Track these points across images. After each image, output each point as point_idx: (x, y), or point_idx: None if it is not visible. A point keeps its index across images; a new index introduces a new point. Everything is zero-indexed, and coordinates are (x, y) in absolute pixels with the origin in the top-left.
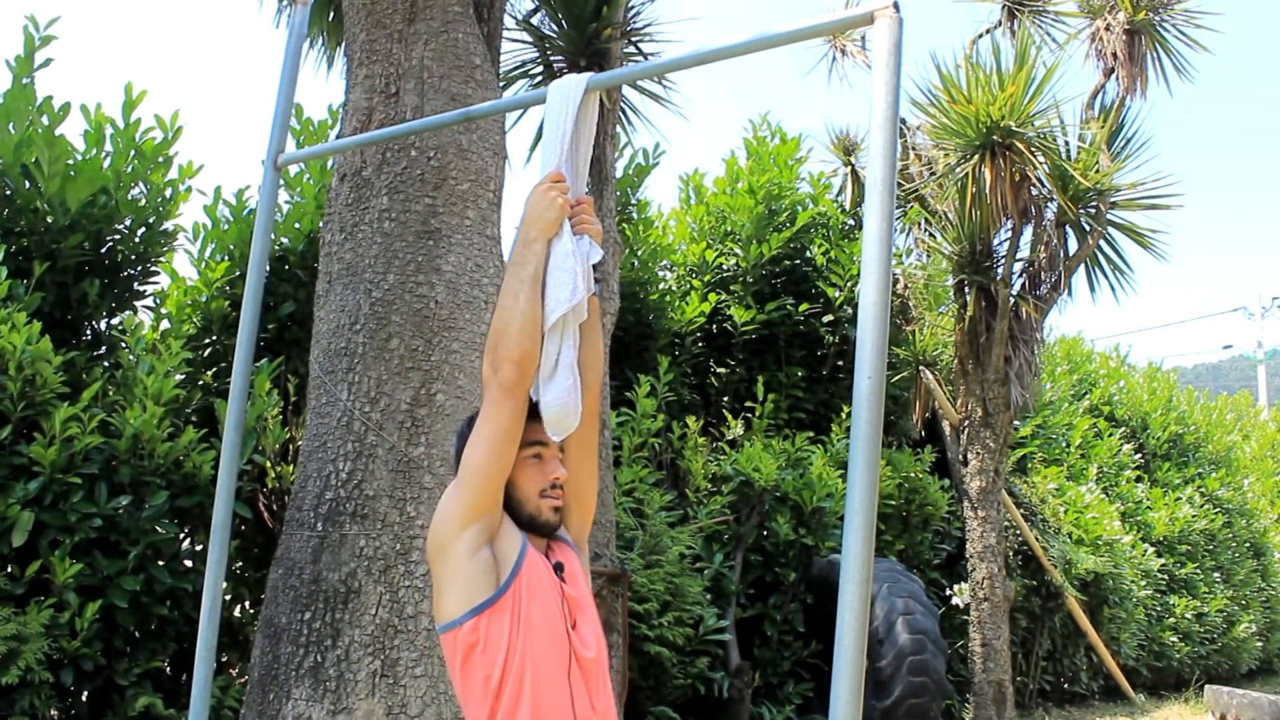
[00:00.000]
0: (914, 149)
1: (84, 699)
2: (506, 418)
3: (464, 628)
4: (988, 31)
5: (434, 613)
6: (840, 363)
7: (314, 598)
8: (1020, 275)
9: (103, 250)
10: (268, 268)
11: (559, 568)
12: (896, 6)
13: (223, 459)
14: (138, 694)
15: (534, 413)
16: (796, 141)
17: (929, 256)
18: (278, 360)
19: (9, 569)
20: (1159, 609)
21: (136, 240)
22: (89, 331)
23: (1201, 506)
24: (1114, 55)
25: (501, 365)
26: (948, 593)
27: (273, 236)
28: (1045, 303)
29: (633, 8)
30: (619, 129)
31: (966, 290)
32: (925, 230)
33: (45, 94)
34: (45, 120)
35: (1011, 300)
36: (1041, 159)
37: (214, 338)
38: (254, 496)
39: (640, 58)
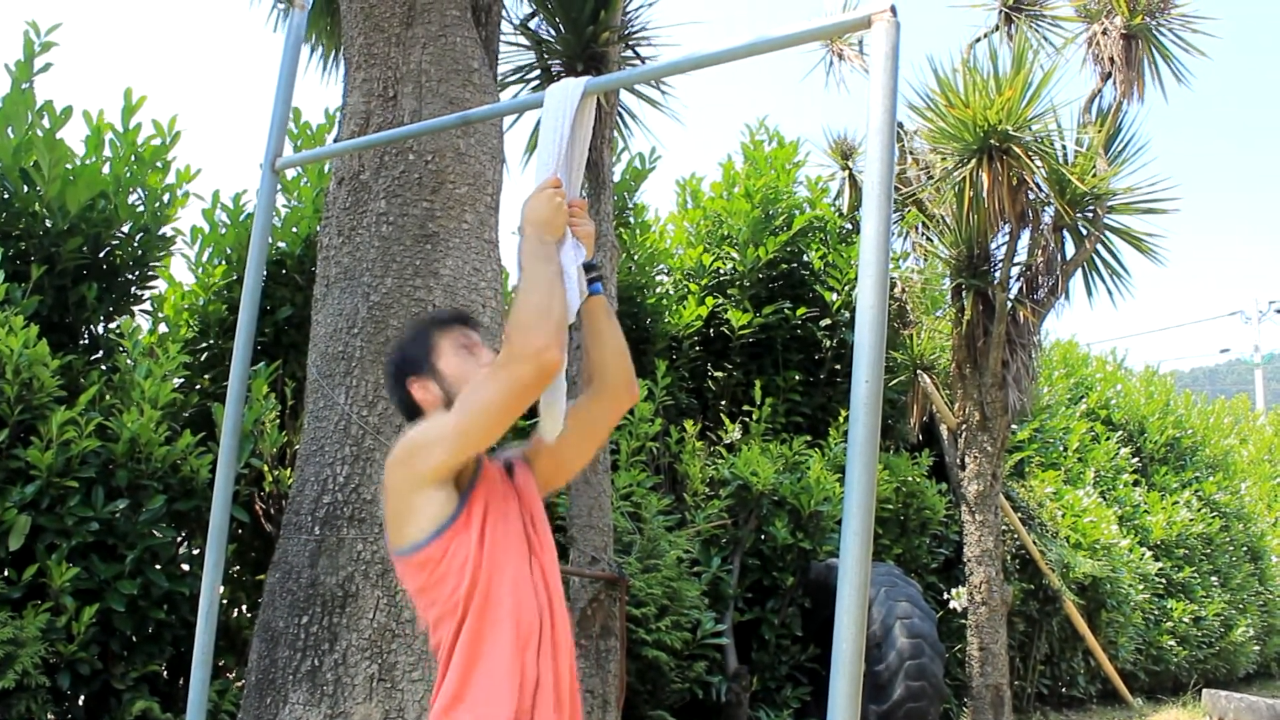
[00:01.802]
0: (911, 153)
1: (80, 703)
2: (531, 398)
3: (429, 548)
4: (985, 36)
5: (391, 539)
6: (838, 366)
7: (311, 601)
8: (1017, 279)
9: (101, 254)
10: (265, 272)
11: (508, 466)
12: (893, 10)
13: (220, 462)
14: (135, 698)
15: (466, 320)
16: (794, 146)
17: (926, 260)
18: (275, 364)
19: (5, 573)
20: (1156, 613)
21: (135, 244)
22: (87, 335)
23: (1199, 510)
24: (1111, 60)
25: (551, 347)
26: (945, 597)
27: (270, 240)
28: (1043, 307)
29: (630, 12)
30: (616, 133)
31: (964, 294)
32: (923, 234)
33: (45, 98)
34: (46, 124)
35: (1009, 304)
36: (1039, 163)
37: (211, 341)
38: (251, 500)
39: (638, 62)
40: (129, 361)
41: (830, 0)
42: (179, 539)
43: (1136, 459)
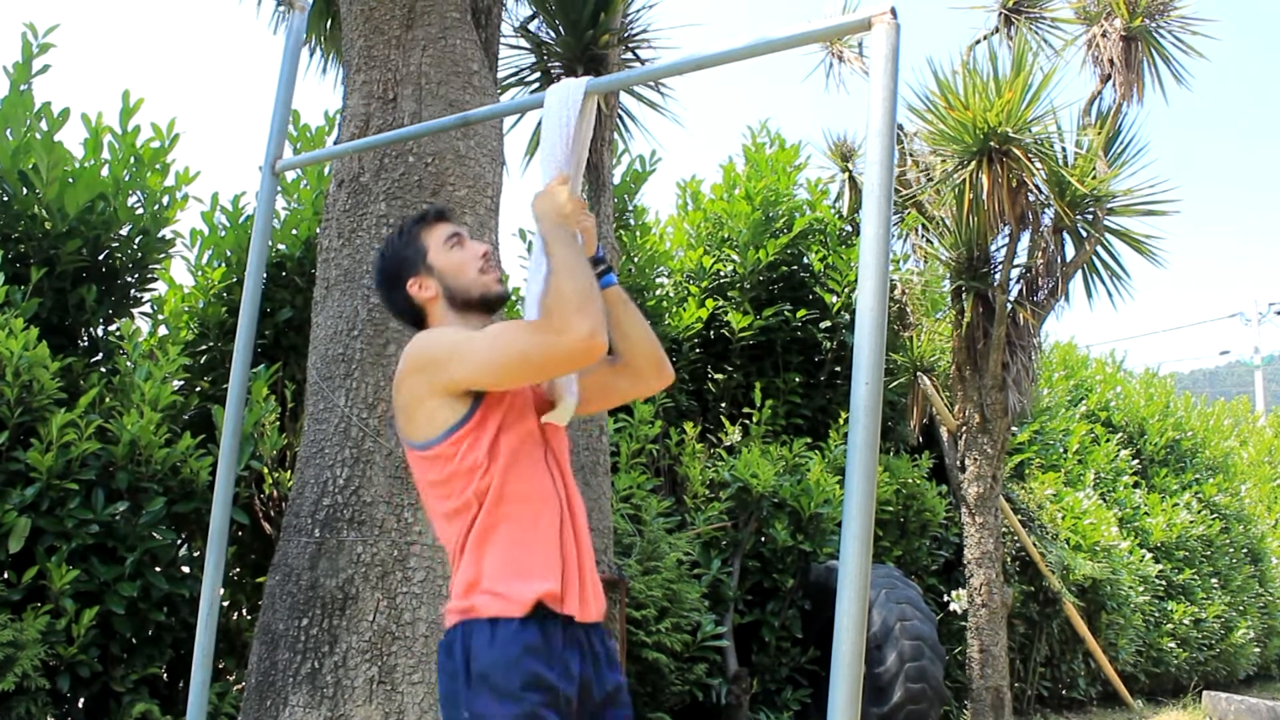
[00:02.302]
0: (911, 155)
1: (80, 706)
2: (564, 372)
3: (441, 445)
4: (984, 38)
5: (403, 431)
6: (838, 369)
7: (311, 604)
8: (1017, 281)
9: (101, 256)
10: (265, 274)
11: None
12: (894, 12)
13: (220, 465)
14: (134, 701)
15: (445, 215)
16: (795, 148)
17: (926, 262)
18: (275, 366)
19: (5, 575)
20: (1157, 615)
21: (134, 247)
22: (86, 337)
23: (1199, 512)
24: (1110, 62)
25: (599, 332)
26: (945, 599)
27: (270, 243)
28: (1043, 309)
29: (630, 15)
30: (616, 136)
31: (964, 296)
32: (923, 236)
33: (43, 100)
34: (44, 126)
35: (1009, 306)
36: (1039, 165)
37: (211, 344)
38: (251, 503)
39: (638, 64)
40: (129, 364)
41: (830, 2)
42: (179, 541)
43: (1136, 461)
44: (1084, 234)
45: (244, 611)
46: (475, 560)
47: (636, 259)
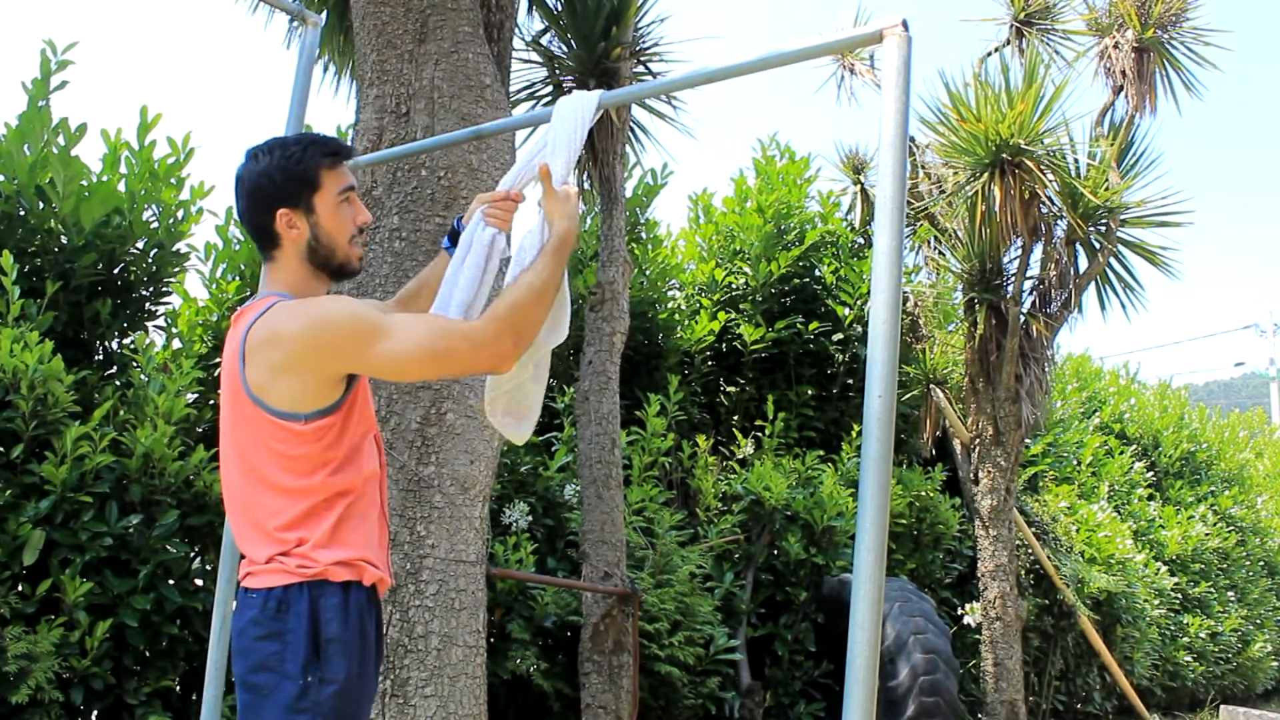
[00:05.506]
0: (923, 167)
1: (94, 718)
2: (456, 374)
3: (299, 424)
4: (996, 50)
5: (257, 386)
6: (850, 381)
7: None
8: (1030, 293)
9: (116, 270)
10: None
11: None
12: (905, 25)
13: None
14: (147, 713)
15: (350, 155)
16: (805, 161)
17: (939, 274)
18: None
19: (20, 588)
20: (1173, 628)
21: (149, 260)
22: (101, 351)
23: (1215, 525)
24: (1123, 73)
25: (511, 359)
26: (959, 612)
27: None
28: (1056, 320)
29: (642, 28)
30: (628, 149)
31: (976, 308)
32: (935, 248)
33: (61, 115)
34: (61, 141)
35: (1022, 318)
36: (1051, 177)
37: None
38: None
39: (649, 77)
40: (143, 377)
41: (842, 15)
42: (192, 554)
43: (1151, 473)
44: (1097, 245)
45: None
46: (313, 527)
47: (648, 272)
